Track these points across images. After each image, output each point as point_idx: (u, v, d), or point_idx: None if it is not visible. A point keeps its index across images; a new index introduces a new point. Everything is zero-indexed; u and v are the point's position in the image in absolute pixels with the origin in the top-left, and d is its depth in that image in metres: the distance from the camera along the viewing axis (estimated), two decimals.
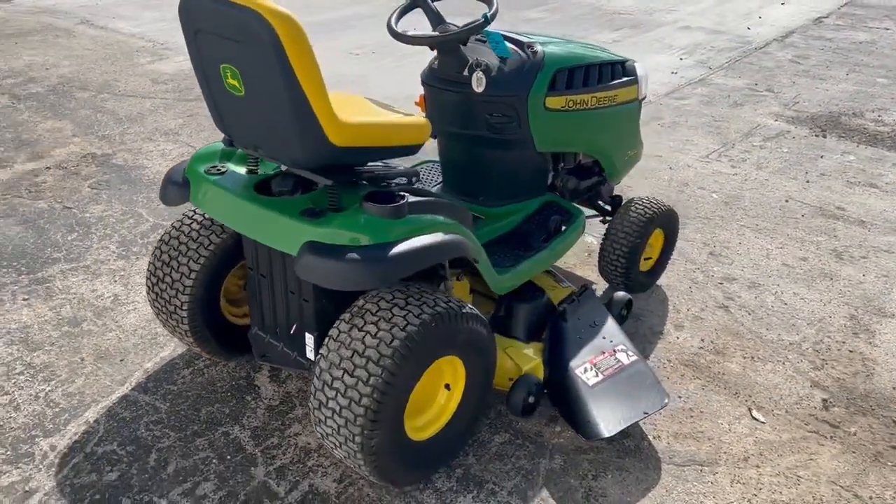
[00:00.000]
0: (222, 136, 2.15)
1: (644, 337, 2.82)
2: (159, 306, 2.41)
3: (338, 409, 1.89)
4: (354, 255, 1.81)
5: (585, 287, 2.67)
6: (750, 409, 2.46)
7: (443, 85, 2.50)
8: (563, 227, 2.63)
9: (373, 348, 1.87)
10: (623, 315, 2.76)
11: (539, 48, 2.51)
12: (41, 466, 2.17)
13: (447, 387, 2.16)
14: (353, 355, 1.89)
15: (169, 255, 2.36)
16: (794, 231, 3.64)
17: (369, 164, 2.22)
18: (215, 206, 2.07)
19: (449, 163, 2.76)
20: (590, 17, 8.18)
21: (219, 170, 2.15)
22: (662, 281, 3.17)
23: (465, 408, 2.18)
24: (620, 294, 2.75)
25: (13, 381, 2.51)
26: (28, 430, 2.30)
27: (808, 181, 4.20)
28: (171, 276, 2.35)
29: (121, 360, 2.63)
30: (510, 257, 2.46)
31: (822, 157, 4.56)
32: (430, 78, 2.54)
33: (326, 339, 1.96)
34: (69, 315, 2.87)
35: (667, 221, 3.01)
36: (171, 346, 2.69)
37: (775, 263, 3.34)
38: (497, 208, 2.67)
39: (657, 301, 3.05)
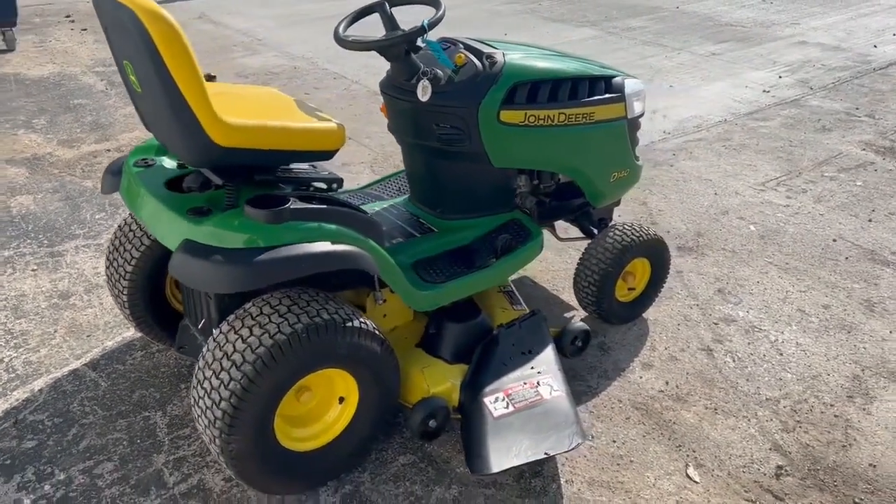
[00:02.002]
0: None
1: (604, 372, 2.62)
2: (110, 289, 2.53)
3: (204, 408, 1.90)
4: (219, 258, 1.81)
5: (534, 312, 2.52)
6: (687, 465, 2.23)
7: (395, 93, 2.44)
8: (516, 247, 2.49)
9: (239, 353, 1.86)
10: (578, 346, 2.58)
11: (499, 59, 2.39)
12: None
13: (341, 400, 2.11)
14: (223, 357, 1.89)
15: (119, 241, 2.47)
16: (828, 274, 3.25)
17: (294, 166, 2.24)
18: (131, 198, 2.14)
19: (409, 173, 2.70)
20: (696, 28, 7.74)
21: (147, 162, 2.21)
22: (651, 314, 2.94)
23: (360, 423, 2.12)
24: (577, 325, 2.57)
25: None
26: None
27: (870, 220, 3.75)
28: (117, 261, 2.45)
29: (87, 336, 2.78)
30: (444, 273, 2.36)
31: None
32: (386, 85, 2.49)
33: (210, 338, 1.97)
34: (63, 288, 3.07)
35: (652, 251, 2.79)
36: None
37: (789, 308, 3.01)
38: (452, 222, 2.58)
39: (636, 335, 2.83)
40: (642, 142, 4.74)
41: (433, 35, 2.34)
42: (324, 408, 2.12)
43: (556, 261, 3.32)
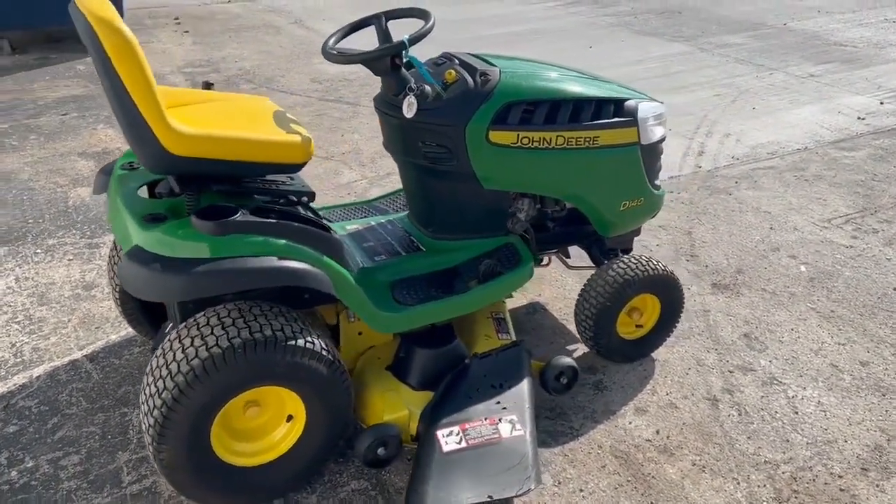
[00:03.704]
0: None
1: (591, 413, 2.46)
2: (108, 284, 2.61)
3: (143, 413, 1.91)
4: (158, 266, 1.82)
5: (516, 343, 2.39)
6: None
7: (384, 108, 2.39)
8: (500, 273, 2.38)
9: (175, 363, 1.86)
10: (563, 384, 2.42)
11: (494, 77, 2.29)
12: None
13: (289, 418, 2.07)
14: (163, 365, 1.89)
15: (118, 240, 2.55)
16: (878, 327, 2.92)
17: (272, 177, 2.23)
18: (109, 201, 2.19)
19: (405, 190, 2.64)
20: (799, 47, 7.24)
21: (132, 165, 2.27)
22: (661, 354, 2.74)
23: (307, 444, 2.07)
24: (563, 360, 2.42)
25: (7, 328, 2.87)
26: None
27: None
28: (113, 259, 2.53)
29: (96, 328, 2.88)
30: (417, 296, 2.28)
31: None
32: (378, 101, 2.44)
33: (161, 344, 1.99)
34: (90, 280, 3.21)
35: (660, 288, 2.59)
36: None
37: (821, 362, 2.72)
38: (441, 242, 2.50)
39: (638, 376, 2.64)
40: (705, 166, 4.48)
41: (433, 49, 2.27)
42: (273, 424, 2.09)
43: (574, 288, 3.16)
